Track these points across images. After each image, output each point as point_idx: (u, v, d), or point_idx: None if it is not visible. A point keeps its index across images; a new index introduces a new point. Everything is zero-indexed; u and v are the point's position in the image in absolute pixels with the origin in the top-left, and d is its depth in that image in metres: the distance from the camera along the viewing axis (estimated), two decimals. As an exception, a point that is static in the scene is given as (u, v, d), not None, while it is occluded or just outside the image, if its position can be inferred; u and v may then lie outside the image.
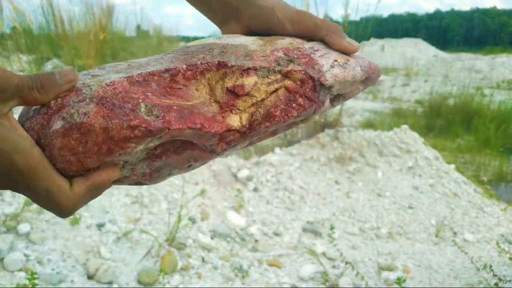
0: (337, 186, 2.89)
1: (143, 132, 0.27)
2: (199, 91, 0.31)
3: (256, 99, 0.31)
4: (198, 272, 1.77)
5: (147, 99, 0.28)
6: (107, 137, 0.26)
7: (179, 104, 0.29)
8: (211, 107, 0.31)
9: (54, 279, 1.54)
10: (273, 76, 0.32)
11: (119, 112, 0.27)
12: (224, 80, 0.31)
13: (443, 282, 1.91)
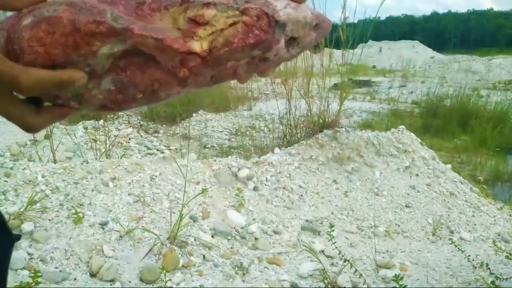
0: (336, 185, 2.92)
1: (108, 28, 0.28)
2: (163, 21, 0.33)
3: (215, 28, 0.34)
4: (199, 270, 1.79)
5: (115, 10, 0.30)
6: (74, 29, 0.28)
7: (142, 24, 0.31)
8: (174, 32, 0.33)
9: (57, 277, 1.55)
10: (231, 12, 0.34)
11: (86, 13, 0.29)
12: (186, 12, 0.34)
13: (440, 280, 1.94)
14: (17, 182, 1.94)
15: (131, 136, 4.23)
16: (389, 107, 8.21)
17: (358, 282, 1.81)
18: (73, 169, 2.11)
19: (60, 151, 2.95)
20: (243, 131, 4.88)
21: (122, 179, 2.16)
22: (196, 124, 5.40)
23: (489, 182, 4.25)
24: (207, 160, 2.69)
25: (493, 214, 3.05)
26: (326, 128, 3.28)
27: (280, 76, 3.78)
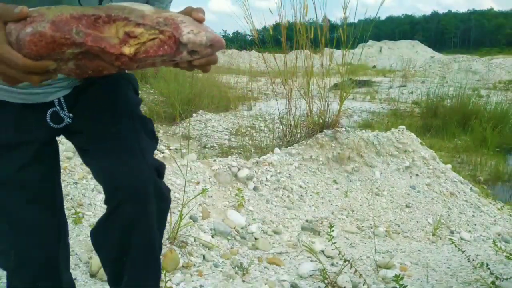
0: (336, 185, 2.92)
1: (72, 41, 0.51)
2: (110, 30, 0.54)
3: (140, 41, 0.54)
4: (199, 270, 1.79)
5: (78, 27, 0.51)
6: (53, 40, 0.50)
7: (95, 34, 0.52)
8: (115, 40, 0.54)
9: (57, 277, 1.55)
10: (153, 31, 0.55)
11: (61, 30, 0.50)
12: (124, 27, 0.54)
13: (440, 280, 1.94)
14: (17, 182, 1.94)
15: (131, 136, 4.23)
16: (389, 107, 8.20)
17: (358, 282, 1.81)
18: (73, 169, 2.11)
19: (60, 151, 2.95)
20: (243, 131, 4.88)
21: (122, 179, 2.15)
22: (196, 124, 5.40)
23: (489, 182, 4.25)
24: (207, 160, 2.69)
25: (493, 214, 3.05)
26: (326, 128, 3.28)
27: (280, 76, 3.78)
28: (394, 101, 8.74)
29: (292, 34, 3.58)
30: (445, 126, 6.05)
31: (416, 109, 7.73)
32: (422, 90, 8.79)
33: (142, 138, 0.82)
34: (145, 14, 0.55)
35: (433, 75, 13.72)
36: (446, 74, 13.49)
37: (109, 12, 0.54)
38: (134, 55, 0.54)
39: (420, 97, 8.20)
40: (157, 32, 0.55)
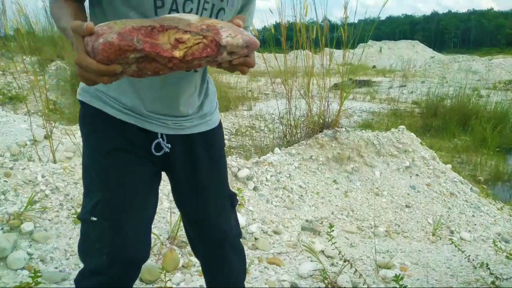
0: (336, 185, 2.92)
1: (133, 48, 0.62)
2: (163, 37, 0.64)
3: (187, 45, 0.65)
4: (199, 270, 1.79)
5: (138, 36, 0.62)
6: (119, 48, 0.61)
7: (152, 41, 0.63)
8: (167, 45, 0.64)
9: (57, 277, 1.55)
10: (198, 36, 0.65)
11: (125, 39, 0.61)
12: (175, 34, 0.64)
13: (440, 280, 1.94)
14: (17, 182, 1.94)
15: (131, 136, 4.23)
16: (389, 107, 8.20)
17: (358, 282, 1.81)
18: (73, 169, 2.11)
19: (60, 151, 2.94)
20: (243, 131, 4.88)
21: (122, 179, 2.15)
22: (196, 124, 5.39)
23: (489, 182, 4.24)
24: (207, 160, 2.68)
25: (493, 214, 3.05)
26: (326, 128, 3.28)
27: (280, 76, 3.78)
28: (394, 101, 8.74)
29: (292, 34, 3.58)
30: (445, 126, 6.05)
31: (416, 109, 7.73)
32: (422, 90, 8.79)
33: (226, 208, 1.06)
34: (191, 22, 0.67)
35: (433, 75, 13.71)
36: (446, 74, 13.49)
37: (162, 23, 0.65)
38: (183, 57, 0.65)
39: (420, 97, 8.19)
40: (201, 37, 0.65)
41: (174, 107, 0.92)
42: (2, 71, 5.31)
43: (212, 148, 1.01)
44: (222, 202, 1.04)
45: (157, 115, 0.91)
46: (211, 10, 0.85)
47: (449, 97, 7.03)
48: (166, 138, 0.93)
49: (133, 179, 0.90)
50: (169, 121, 0.93)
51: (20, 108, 4.88)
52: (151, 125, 0.92)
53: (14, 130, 3.35)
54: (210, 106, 1.01)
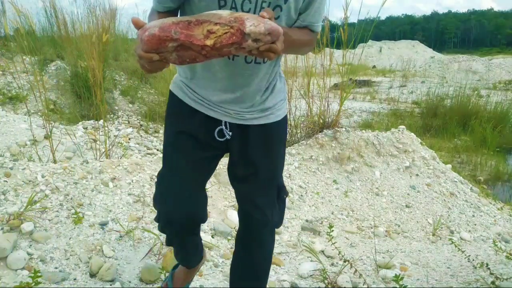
0: (336, 185, 2.92)
1: (171, 37, 0.76)
2: (198, 29, 0.77)
3: (217, 35, 0.77)
4: (199, 270, 1.79)
5: (176, 28, 0.76)
6: (159, 38, 0.76)
7: (187, 33, 0.77)
8: (200, 36, 0.77)
9: (57, 277, 1.55)
10: (226, 27, 0.77)
11: (165, 31, 0.76)
12: (208, 26, 0.77)
13: (440, 280, 1.94)
14: (17, 182, 1.93)
15: (131, 136, 4.23)
16: (389, 107, 8.20)
17: (358, 282, 1.81)
18: (73, 169, 2.11)
19: (60, 151, 2.94)
20: (243, 131, 4.87)
21: (122, 179, 2.15)
22: (196, 124, 5.39)
23: (489, 182, 4.25)
24: (207, 160, 2.68)
25: (493, 214, 3.05)
26: (326, 128, 3.28)
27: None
28: (394, 101, 8.74)
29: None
30: (445, 126, 6.05)
31: (416, 109, 7.73)
32: (422, 90, 8.79)
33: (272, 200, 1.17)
34: (222, 16, 0.79)
35: (433, 75, 13.72)
36: (446, 74, 13.49)
37: (198, 18, 0.79)
38: (213, 45, 0.78)
39: (420, 97, 8.19)
40: (229, 27, 0.77)
41: (237, 99, 1.05)
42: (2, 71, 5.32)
43: (268, 140, 1.11)
44: (269, 190, 1.14)
45: (222, 104, 1.05)
46: (268, 7, 0.96)
47: (449, 97, 7.03)
48: (229, 126, 1.08)
49: (188, 158, 1.08)
50: (231, 110, 1.06)
51: (20, 108, 4.88)
52: (216, 113, 1.07)
53: (14, 130, 3.35)
54: (273, 101, 1.10)
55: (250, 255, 1.21)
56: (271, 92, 1.10)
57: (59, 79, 5.52)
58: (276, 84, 1.11)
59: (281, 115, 1.13)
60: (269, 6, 0.96)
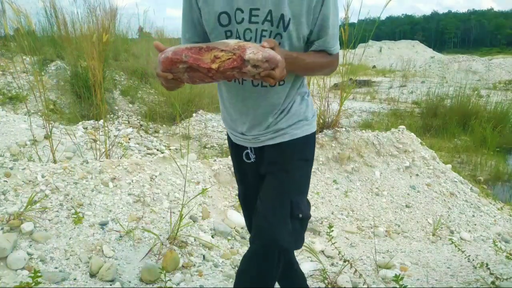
0: (336, 185, 2.92)
1: (181, 60, 0.91)
2: (207, 55, 0.91)
3: (221, 60, 0.90)
4: (199, 270, 1.79)
5: (187, 53, 0.91)
6: (172, 60, 0.92)
7: (196, 57, 0.91)
8: (208, 60, 0.90)
9: (57, 277, 1.55)
10: (229, 54, 0.89)
11: (177, 54, 0.91)
12: (215, 52, 0.90)
13: (440, 280, 1.94)
14: (17, 182, 1.93)
15: (131, 136, 4.23)
16: (389, 107, 8.20)
17: (358, 282, 1.81)
18: (73, 169, 2.11)
19: (60, 151, 2.94)
20: (243, 131, 4.87)
21: (122, 179, 2.15)
22: (196, 124, 5.40)
23: (489, 182, 4.25)
24: (207, 160, 2.68)
25: (493, 214, 3.05)
26: (326, 128, 3.28)
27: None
28: (394, 101, 8.74)
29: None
30: (445, 126, 6.05)
31: (416, 109, 7.73)
32: (422, 90, 8.79)
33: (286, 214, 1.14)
34: (229, 44, 0.91)
35: (433, 75, 13.72)
36: (446, 74, 13.49)
37: (209, 45, 0.92)
38: (217, 68, 0.90)
39: (420, 97, 8.19)
40: (232, 54, 0.89)
41: (251, 122, 1.18)
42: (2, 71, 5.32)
43: (280, 157, 1.18)
44: (279, 207, 1.12)
45: (245, 132, 1.21)
46: (268, 36, 1.06)
47: (449, 97, 7.03)
48: (254, 150, 1.24)
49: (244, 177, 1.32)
50: (250, 136, 1.21)
51: (20, 108, 4.88)
52: (240, 141, 1.25)
53: (14, 130, 3.35)
54: (287, 123, 1.17)
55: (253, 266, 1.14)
56: (286, 114, 1.16)
57: (59, 79, 5.52)
58: (293, 106, 1.17)
59: (299, 134, 1.18)
60: (270, 35, 1.05)
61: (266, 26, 1.05)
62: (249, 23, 1.05)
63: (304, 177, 1.20)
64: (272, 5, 1.04)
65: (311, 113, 1.22)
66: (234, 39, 0.96)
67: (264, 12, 1.04)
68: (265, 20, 1.05)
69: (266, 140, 1.19)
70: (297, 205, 1.12)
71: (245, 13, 1.05)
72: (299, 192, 1.16)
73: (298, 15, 1.05)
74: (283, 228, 1.09)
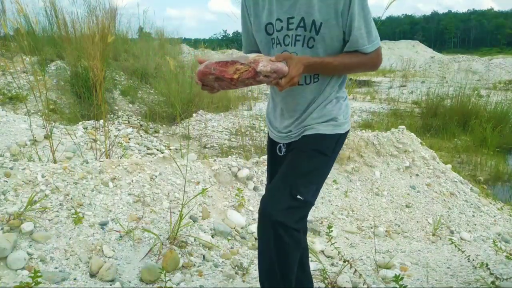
0: (336, 185, 2.92)
1: (210, 72, 1.15)
2: (231, 67, 1.12)
3: (240, 71, 1.11)
4: (199, 270, 1.79)
5: (215, 66, 1.14)
6: (203, 73, 1.16)
7: (222, 69, 1.13)
8: (231, 72, 1.12)
9: (57, 277, 1.55)
10: (247, 66, 1.11)
11: (208, 68, 1.15)
12: (236, 65, 1.12)
13: (440, 280, 1.94)
14: (17, 182, 1.93)
15: (131, 136, 4.23)
16: (389, 107, 8.20)
17: (358, 282, 1.81)
18: (73, 169, 2.11)
19: (60, 151, 2.95)
20: (243, 131, 4.88)
21: (122, 179, 2.15)
22: (196, 124, 5.40)
23: (489, 182, 4.25)
24: (207, 160, 2.68)
25: (493, 214, 3.05)
26: (326, 128, 3.27)
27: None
28: (394, 101, 8.74)
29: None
30: (445, 126, 6.05)
31: (416, 109, 7.73)
32: (422, 90, 8.79)
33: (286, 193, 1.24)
34: (247, 58, 1.11)
35: (433, 75, 13.72)
36: (446, 74, 13.49)
37: (233, 59, 1.13)
38: (237, 78, 1.11)
39: (420, 97, 8.19)
40: (248, 67, 1.10)
41: (286, 127, 1.36)
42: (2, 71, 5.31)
43: (301, 144, 1.31)
44: (280, 186, 1.23)
45: (280, 131, 1.39)
46: (302, 40, 1.22)
47: (449, 97, 7.03)
48: (285, 144, 1.40)
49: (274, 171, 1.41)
50: (283, 133, 1.38)
51: (20, 108, 4.88)
52: (276, 137, 1.43)
53: (14, 130, 3.35)
54: (317, 120, 1.30)
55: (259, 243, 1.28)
56: (319, 112, 1.30)
57: (59, 79, 5.52)
58: (327, 106, 1.30)
59: (324, 131, 1.29)
60: (303, 39, 1.22)
61: (299, 32, 1.21)
62: (287, 30, 1.24)
63: (315, 167, 1.27)
64: (304, 13, 1.20)
65: (343, 116, 1.31)
66: (253, 54, 1.15)
67: (297, 20, 1.21)
68: (298, 26, 1.21)
69: (296, 136, 1.33)
70: (297, 186, 1.21)
71: (284, 22, 1.23)
72: (302, 176, 1.24)
73: (329, 19, 1.18)
74: (278, 201, 1.20)
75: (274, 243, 1.19)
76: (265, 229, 1.21)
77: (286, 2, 1.22)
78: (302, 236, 1.32)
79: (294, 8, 1.21)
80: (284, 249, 1.19)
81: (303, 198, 1.21)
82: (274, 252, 1.20)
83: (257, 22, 1.30)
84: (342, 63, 1.23)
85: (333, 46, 1.23)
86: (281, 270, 1.22)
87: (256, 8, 1.30)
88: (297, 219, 1.22)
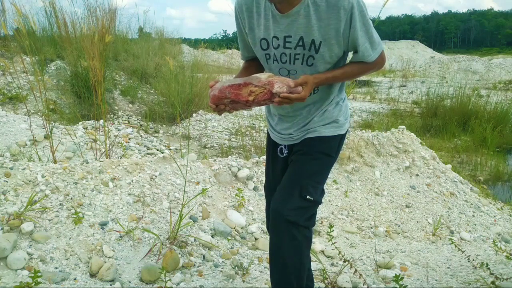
0: (336, 185, 2.92)
1: (225, 96, 1.19)
2: (244, 89, 1.18)
3: (255, 93, 1.18)
4: (199, 270, 1.79)
5: (229, 90, 1.19)
6: (219, 98, 1.20)
7: (236, 92, 1.18)
8: (245, 94, 1.18)
9: (57, 277, 1.55)
10: (261, 89, 1.17)
11: (222, 92, 1.19)
12: (250, 87, 1.17)
13: (440, 280, 1.94)
14: (17, 182, 1.93)
15: (131, 136, 4.23)
16: (389, 107, 8.20)
17: (358, 282, 1.81)
18: (73, 169, 2.11)
19: (60, 151, 2.94)
20: (243, 131, 4.88)
21: (122, 179, 2.15)
22: (196, 124, 5.40)
23: (489, 182, 4.25)
24: (207, 160, 2.68)
25: (493, 214, 3.05)
26: (326, 128, 3.27)
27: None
28: (394, 101, 8.74)
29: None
30: (445, 126, 6.05)
31: (416, 109, 7.73)
32: (422, 90, 8.79)
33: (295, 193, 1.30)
34: (261, 80, 1.15)
35: (433, 75, 13.72)
36: (446, 74, 13.49)
37: (245, 81, 1.16)
38: (253, 100, 1.17)
39: (420, 97, 8.19)
40: (263, 88, 1.15)
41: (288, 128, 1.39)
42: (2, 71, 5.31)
43: (306, 147, 1.34)
44: (290, 187, 1.28)
45: (281, 131, 1.41)
46: (301, 58, 1.24)
47: (449, 97, 7.03)
48: (287, 146, 1.42)
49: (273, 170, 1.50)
50: (285, 135, 1.41)
51: (20, 108, 4.88)
52: (277, 139, 1.45)
53: (14, 130, 3.35)
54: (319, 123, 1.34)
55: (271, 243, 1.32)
56: (320, 116, 1.34)
57: (59, 79, 5.52)
58: (328, 109, 1.35)
59: (327, 133, 1.34)
60: (302, 57, 1.24)
61: (298, 51, 1.23)
62: (284, 48, 1.25)
63: (321, 168, 1.33)
64: (303, 32, 1.20)
65: (343, 117, 1.36)
66: (266, 73, 1.19)
67: (295, 39, 1.22)
68: (297, 45, 1.23)
69: (298, 138, 1.37)
70: (306, 187, 1.26)
71: (280, 40, 1.24)
72: (310, 177, 1.30)
73: (328, 38, 1.20)
74: (288, 202, 1.25)
75: (288, 242, 1.24)
76: (278, 229, 1.25)
77: (284, 20, 1.21)
78: (312, 233, 1.36)
79: (291, 27, 1.20)
80: (298, 247, 1.25)
81: (312, 198, 1.27)
82: (288, 251, 1.25)
83: (251, 35, 1.31)
84: (345, 73, 1.27)
85: (332, 62, 1.26)
86: (295, 268, 1.27)
87: (251, 21, 1.29)
88: (308, 217, 1.28)
